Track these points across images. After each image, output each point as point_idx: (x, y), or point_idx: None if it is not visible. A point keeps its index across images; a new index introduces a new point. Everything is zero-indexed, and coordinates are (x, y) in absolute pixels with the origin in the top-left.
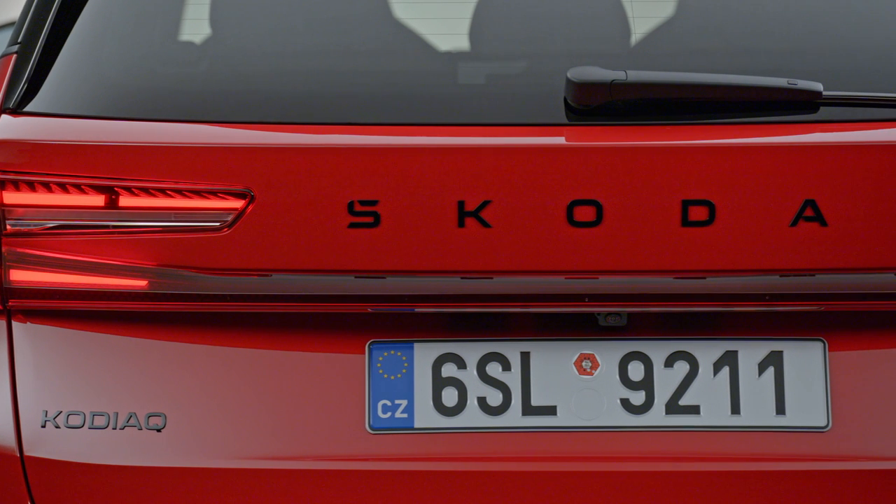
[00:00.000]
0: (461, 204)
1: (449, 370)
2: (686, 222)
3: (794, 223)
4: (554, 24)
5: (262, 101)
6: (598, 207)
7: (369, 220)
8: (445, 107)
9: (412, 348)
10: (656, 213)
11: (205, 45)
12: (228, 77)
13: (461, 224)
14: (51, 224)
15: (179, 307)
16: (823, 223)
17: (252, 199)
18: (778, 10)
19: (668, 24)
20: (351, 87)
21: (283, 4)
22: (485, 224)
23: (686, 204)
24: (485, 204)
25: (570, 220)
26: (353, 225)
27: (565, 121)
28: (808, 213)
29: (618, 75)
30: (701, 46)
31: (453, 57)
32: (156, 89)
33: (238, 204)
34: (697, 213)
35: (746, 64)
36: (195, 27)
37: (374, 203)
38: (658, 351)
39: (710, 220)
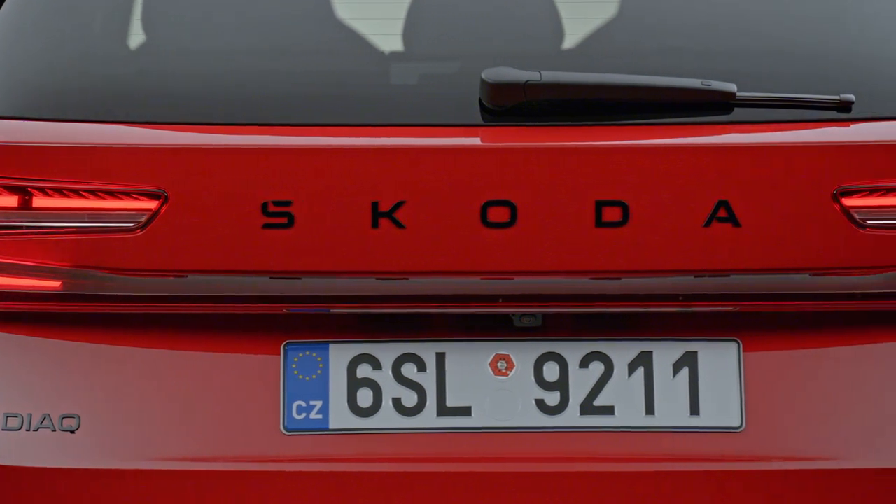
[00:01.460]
0: (375, 205)
1: (364, 371)
2: (600, 223)
3: (708, 224)
4: (487, 25)
5: (179, 102)
6: (512, 208)
7: (283, 220)
8: (367, 107)
9: (327, 349)
10: (570, 214)
11: (122, 45)
12: (145, 77)
13: (375, 225)
14: None
15: (94, 308)
16: (737, 224)
17: (166, 200)
18: (713, 13)
19: (605, 25)
20: (273, 88)
21: (208, 4)
22: (399, 225)
23: (600, 205)
24: (399, 205)
25: (485, 220)
26: (267, 226)
27: (480, 121)
28: (722, 213)
29: (532, 76)
30: (633, 48)
31: (386, 57)
32: (70, 90)
33: (152, 205)
34: (611, 214)
35: (677, 65)
36: (117, 26)
37: (287, 204)
38: (573, 351)
39: (624, 220)
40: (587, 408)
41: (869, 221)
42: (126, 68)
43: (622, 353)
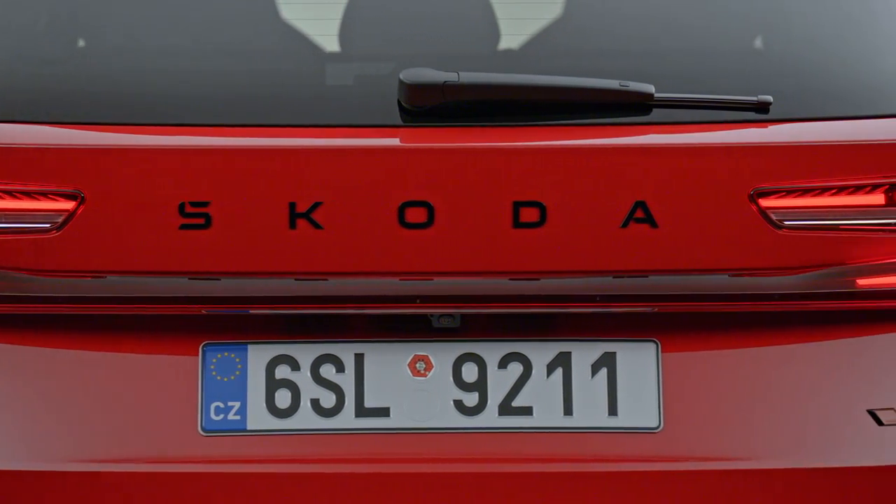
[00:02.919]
0: (292, 206)
1: (283, 372)
2: (517, 224)
3: (625, 225)
4: (424, 26)
5: (98, 102)
6: (430, 209)
7: (200, 221)
8: (290, 108)
9: (246, 350)
10: (488, 215)
11: (39, 45)
12: (63, 77)
13: (293, 226)
14: None
15: (11, 309)
16: (654, 225)
17: (83, 201)
18: (644, 15)
19: (543, 27)
20: (195, 88)
21: (131, 3)
22: (316, 226)
23: (517, 205)
24: (316, 206)
25: (402, 221)
26: (184, 226)
27: (399, 122)
28: (639, 214)
29: (450, 77)
30: (568, 50)
31: (318, 58)
32: None
33: (68, 205)
34: (528, 215)
35: (609, 67)
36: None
37: (205, 204)
38: (492, 352)
39: (542, 221)
40: (505, 408)
41: (786, 222)
42: (44, 68)
43: (541, 353)
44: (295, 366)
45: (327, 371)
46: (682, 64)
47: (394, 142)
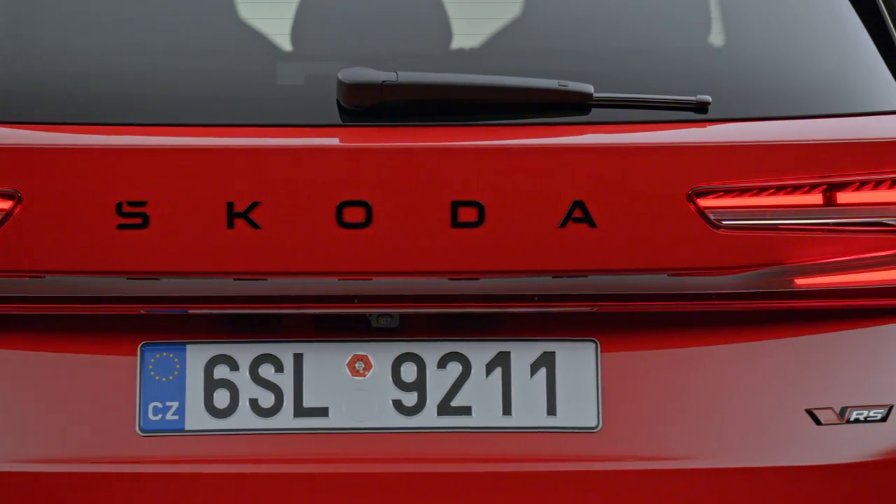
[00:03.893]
0: (230, 205)
1: (221, 372)
2: (456, 223)
3: (564, 224)
4: (375, 25)
5: (35, 101)
6: (368, 208)
7: (138, 220)
8: (233, 108)
9: (185, 350)
10: (426, 215)
11: None
12: (2, 76)
13: (230, 225)
14: None
15: None
16: (592, 224)
17: (20, 201)
18: (597, 16)
19: (497, 27)
20: (135, 87)
21: (69, 1)
22: (254, 225)
23: (455, 205)
24: (254, 205)
25: (340, 221)
26: (122, 226)
27: (339, 122)
28: (577, 214)
29: (388, 76)
30: (520, 50)
31: (271, 57)
32: None
33: (5, 205)
34: (467, 215)
35: (559, 67)
36: None
37: (142, 204)
38: (431, 352)
39: (480, 221)
40: (444, 408)
41: (724, 222)
42: None
43: (480, 353)
44: (234, 366)
45: (266, 371)
46: (624, 63)
47: (332, 141)
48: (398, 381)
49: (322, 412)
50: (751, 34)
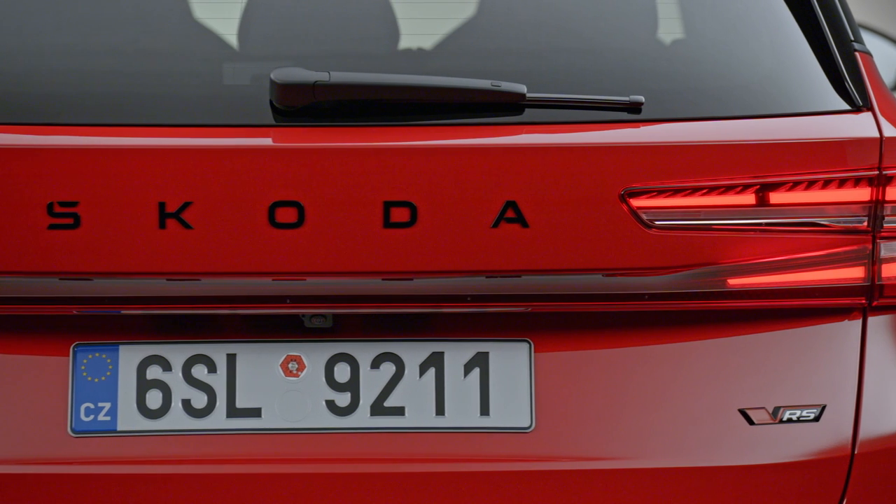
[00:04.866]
0: (162, 205)
1: (154, 372)
2: (388, 224)
3: (496, 225)
4: (321, 26)
5: None
6: (300, 209)
7: (69, 221)
8: (174, 108)
9: (117, 350)
10: (358, 215)
11: None
12: None
13: (162, 226)
14: None
15: None
16: (525, 224)
17: None
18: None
19: (456, 27)
20: (77, 87)
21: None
22: (186, 226)
23: (388, 205)
24: (186, 205)
25: (272, 221)
26: (53, 226)
27: (272, 122)
28: (510, 214)
29: (321, 76)
30: (468, 51)
31: (217, 57)
32: None
33: None
34: (399, 215)
35: (503, 67)
36: None
37: (73, 204)
38: (364, 352)
39: (412, 221)
40: (377, 408)
41: (656, 222)
42: None
43: (413, 353)
44: (166, 366)
45: (199, 371)
46: (563, 64)
47: (265, 141)
48: (331, 381)
49: (255, 413)
50: (687, 35)
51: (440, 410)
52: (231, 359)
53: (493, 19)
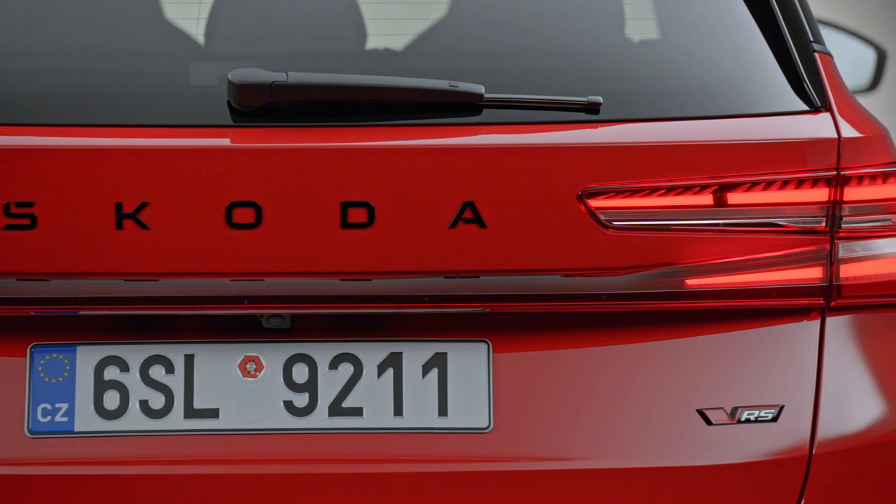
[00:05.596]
0: (119, 206)
1: (111, 373)
2: (346, 224)
3: (454, 225)
4: (287, 26)
5: None
6: (258, 209)
7: (26, 221)
8: (128, 108)
9: (75, 351)
10: (316, 215)
11: None
12: None
13: (119, 226)
14: None
15: None
16: (483, 225)
17: None
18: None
19: (427, 28)
20: (36, 87)
21: None
22: (143, 226)
23: (345, 206)
24: (142, 206)
25: (230, 222)
26: (9, 227)
27: (230, 122)
28: (468, 214)
29: (278, 77)
30: (435, 51)
31: (183, 58)
32: None
33: None
34: (357, 215)
35: (471, 68)
36: None
37: (30, 205)
38: (322, 353)
39: (370, 222)
40: (335, 409)
41: (614, 223)
42: None
43: (372, 354)
44: (124, 367)
45: (157, 372)
46: (523, 64)
47: (222, 142)
48: (289, 382)
49: (213, 413)
50: (647, 36)
51: (398, 411)
52: (189, 359)
53: (464, 20)
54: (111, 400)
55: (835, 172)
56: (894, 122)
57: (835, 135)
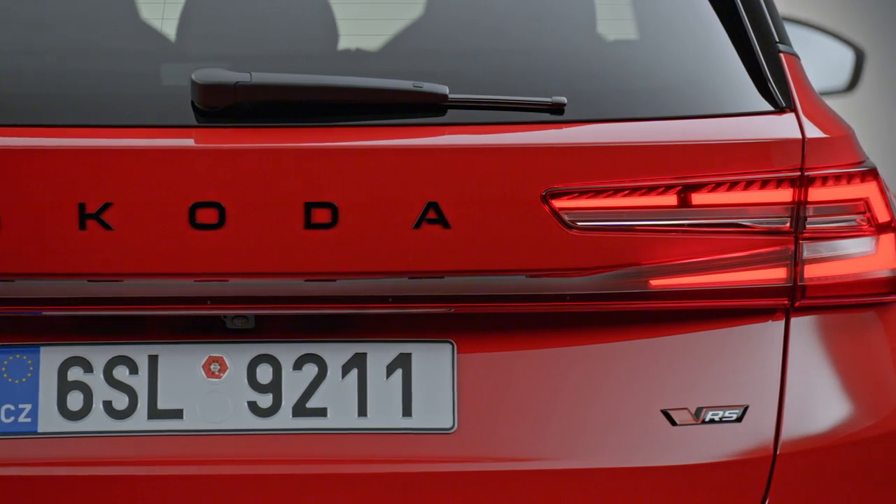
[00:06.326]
0: (82, 206)
1: (75, 374)
2: (309, 225)
3: (418, 226)
4: (259, 26)
5: None
6: (221, 210)
7: None
8: (95, 109)
9: (38, 352)
10: (280, 216)
11: None
12: None
13: (83, 226)
14: None
15: None
16: (447, 226)
17: None
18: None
19: (396, 30)
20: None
21: None
22: (106, 226)
23: (309, 206)
24: (106, 206)
25: (193, 222)
26: None
27: (194, 123)
28: (431, 215)
29: (242, 77)
30: (406, 52)
31: (155, 58)
32: None
33: None
34: (320, 216)
35: (442, 69)
36: None
37: None
38: (287, 353)
39: (334, 222)
40: (299, 410)
41: (578, 223)
42: None
43: (336, 354)
44: (88, 368)
45: (121, 373)
46: (488, 65)
47: (185, 142)
48: (254, 382)
49: (176, 414)
50: (613, 36)
51: (362, 411)
52: (153, 360)
53: (439, 21)
54: (75, 401)
55: (799, 173)
56: (871, 123)
57: (799, 135)
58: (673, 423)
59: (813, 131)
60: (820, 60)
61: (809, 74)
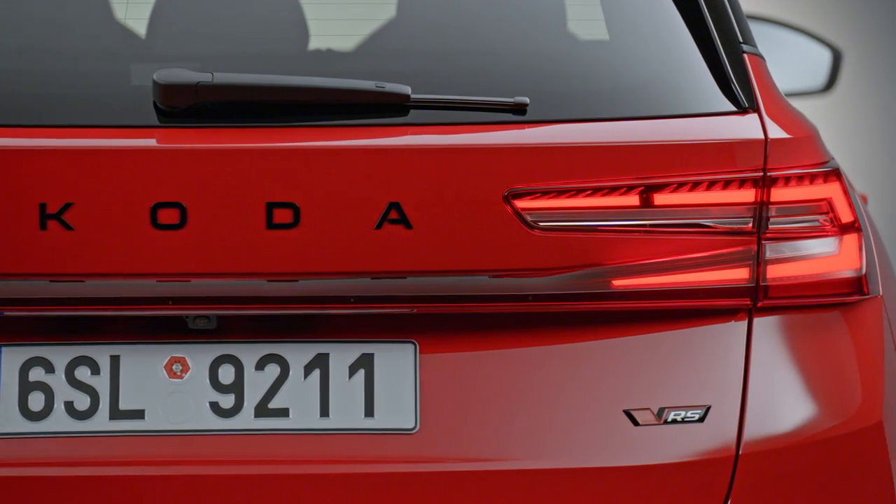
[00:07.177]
0: (42, 206)
1: (36, 374)
2: (271, 225)
3: (380, 226)
4: (230, 26)
5: None
6: (182, 210)
7: None
8: (57, 109)
9: None
10: (241, 216)
11: None
12: None
13: (43, 226)
14: None
15: None
16: (409, 226)
17: None
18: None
19: (371, 31)
20: None
21: None
22: (67, 227)
23: (270, 206)
24: (67, 206)
25: (155, 222)
26: None
27: (156, 123)
28: (393, 215)
29: (203, 77)
30: (380, 52)
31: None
32: None
33: None
34: (282, 216)
35: (412, 69)
36: None
37: None
38: (249, 354)
39: (295, 222)
40: (262, 410)
41: (540, 223)
42: None
43: (298, 355)
44: (49, 368)
45: (82, 373)
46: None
47: (147, 142)
48: (216, 382)
49: (138, 414)
50: (575, 37)
51: (325, 412)
52: (115, 360)
53: (411, 22)
54: (36, 401)
55: (762, 173)
56: (848, 123)
57: (762, 136)
58: (635, 423)
59: (776, 131)
60: (798, 61)
61: (787, 75)
